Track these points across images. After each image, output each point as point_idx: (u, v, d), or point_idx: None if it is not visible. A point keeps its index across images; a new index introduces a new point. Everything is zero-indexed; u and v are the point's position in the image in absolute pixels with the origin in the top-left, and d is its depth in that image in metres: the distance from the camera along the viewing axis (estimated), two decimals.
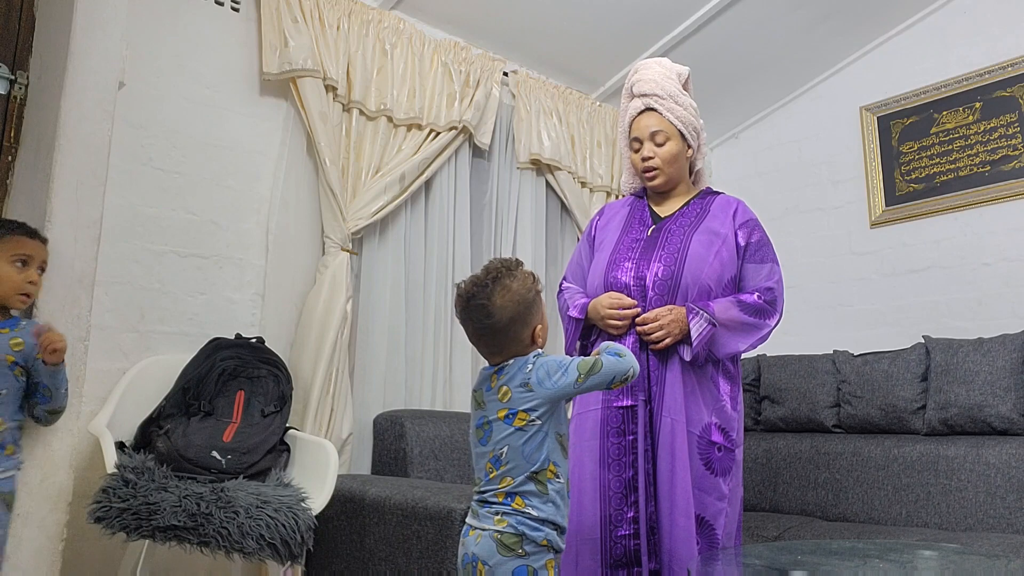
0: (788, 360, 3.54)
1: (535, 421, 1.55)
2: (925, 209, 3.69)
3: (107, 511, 1.99)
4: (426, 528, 2.14)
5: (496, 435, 1.57)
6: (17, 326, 1.90)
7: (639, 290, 2.03)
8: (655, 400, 1.98)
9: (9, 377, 1.85)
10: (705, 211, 2.14)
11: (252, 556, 2.02)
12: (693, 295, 2.01)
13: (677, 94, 2.18)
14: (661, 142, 2.14)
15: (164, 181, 2.65)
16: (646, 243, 2.10)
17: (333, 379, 2.79)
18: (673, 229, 2.10)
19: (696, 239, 2.06)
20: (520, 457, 1.54)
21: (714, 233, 2.08)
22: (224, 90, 2.82)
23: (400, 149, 3.13)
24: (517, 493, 1.54)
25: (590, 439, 2.01)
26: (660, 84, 2.17)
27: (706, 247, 2.05)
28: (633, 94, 2.22)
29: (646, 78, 2.20)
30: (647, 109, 2.17)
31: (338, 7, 3.00)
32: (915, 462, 2.97)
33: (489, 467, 1.58)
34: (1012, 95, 3.49)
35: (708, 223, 2.10)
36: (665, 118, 2.14)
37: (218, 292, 2.75)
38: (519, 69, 3.66)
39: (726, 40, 3.72)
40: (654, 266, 2.04)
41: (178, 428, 2.28)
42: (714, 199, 2.18)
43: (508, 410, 1.57)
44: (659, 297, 2.01)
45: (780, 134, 4.31)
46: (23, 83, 2.42)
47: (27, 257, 1.88)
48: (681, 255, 2.03)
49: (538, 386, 1.56)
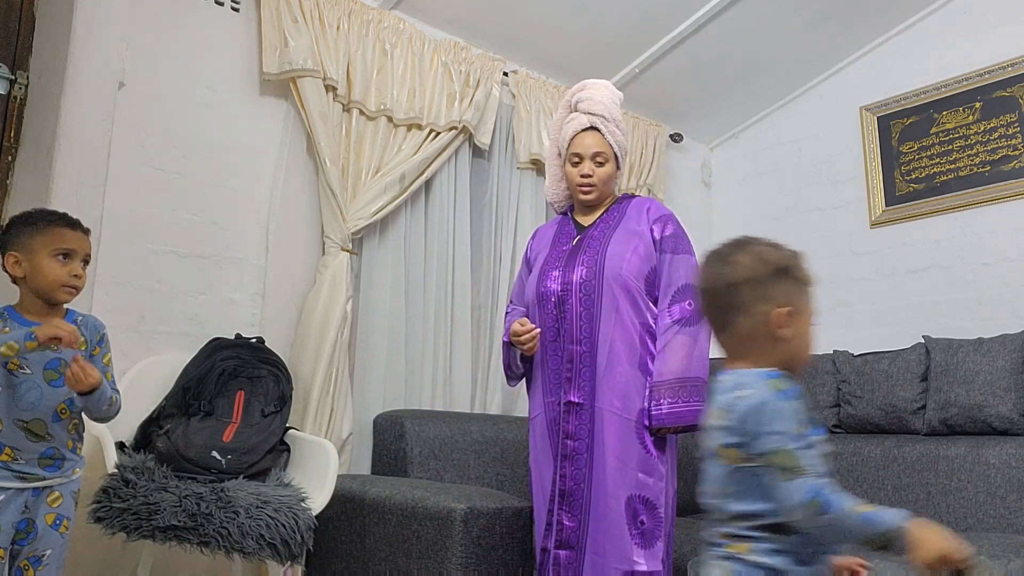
0: None
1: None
2: (925, 209, 3.69)
3: (107, 511, 1.99)
4: (426, 528, 2.14)
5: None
6: (74, 321, 1.82)
7: (565, 294, 2.20)
8: (589, 393, 2.14)
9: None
10: (622, 214, 2.30)
11: (252, 556, 2.02)
12: (616, 290, 2.15)
13: (618, 119, 2.34)
14: (601, 162, 2.29)
15: (164, 181, 2.65)
16: (571, 251, 2.27)
17: (333, 379, 2.79)
18: (595, 235, 2.27)
19: (614, 239, 2.22)
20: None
21: (631, 232, 2.24)
22: (224, 90, 2.82)
23: (400, 149, 3.13)
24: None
25: (541, 440, 2.21)
26: (607, 107, 2.33)
27: (623, 245, 2.21)
28: (576, 109, 2.36)
29: (596, 98, 2.33)
30: (592, 128, 2.30)
31: (338, 7, 3.00)
32: (915, 462, 2.97)
33: None
34: (1012, 95, 3.49)
35: (625, 223, 2.26)
36: (607, 140, 2.29)
37: (218, 292, 2.75)
38: (519, 69, 3.66)
39: (726, 40, 3.72)
40: (578, 269, 2.21)
41: (178, 428, 2.28)
42: (630, 202, 2.35)
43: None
44: (585, 297, 2.17)
45: (780, 134, 4.30)
46: (23, 83, 2.42)
47: (69, 251, 1.77)
48: (601, 256, 2.20)
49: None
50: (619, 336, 2.14)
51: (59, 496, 1.79)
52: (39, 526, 1.75)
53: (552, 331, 2.21)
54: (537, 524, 2.19)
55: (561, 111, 2.43)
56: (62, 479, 1.80)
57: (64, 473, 1.80)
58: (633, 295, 2.17)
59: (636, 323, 2.16)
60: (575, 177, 2.32)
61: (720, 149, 4.61)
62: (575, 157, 2.31)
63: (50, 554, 1.76)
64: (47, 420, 1.76)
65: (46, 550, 1.76)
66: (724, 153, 4.59)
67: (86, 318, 1.88)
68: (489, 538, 2.10)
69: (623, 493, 2.07)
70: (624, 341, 2.14)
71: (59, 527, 1.78)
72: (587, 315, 2.17)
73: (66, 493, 1.81)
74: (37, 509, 1.75)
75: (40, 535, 1.75)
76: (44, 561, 1.75)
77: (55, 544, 1.77)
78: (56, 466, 1.78)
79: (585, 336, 2.16)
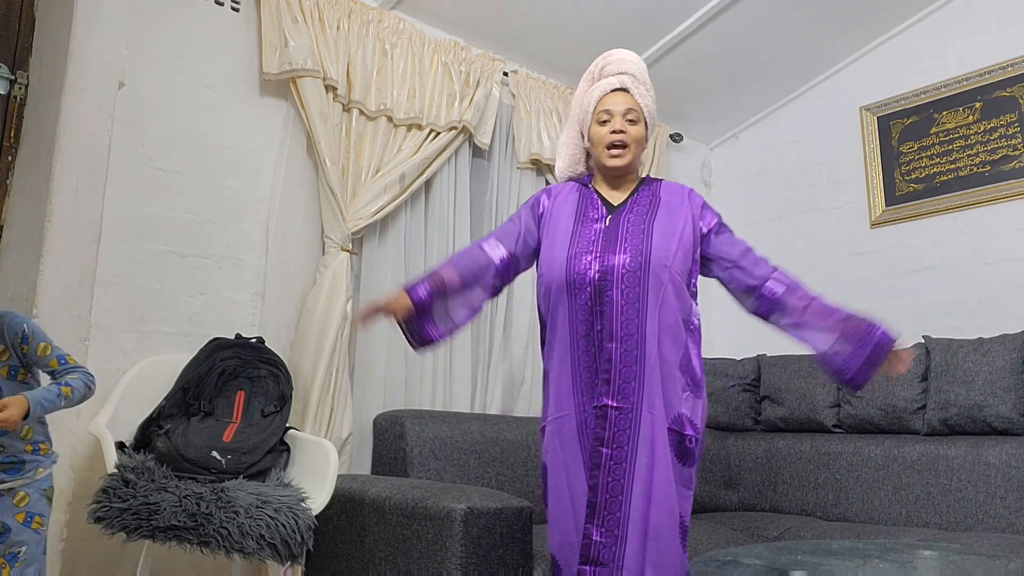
0: (788, 360, 3.54)
1: None
2: (925, 209, 3.69)
3: (107, 511, 1.99)
4: (426, 528, 2.14)
5: None
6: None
7: (603, 283, 1.95)
8: (632, 397, 1.92)
9: (15, 387, 1.83)
10: (655, 197, 2.10)
11: (252, 556, 2.02)
12: (664, 282, 1.95)
13: (649, 84, 2.14)
14: (634, 120, 2.07)
15: (164, 181, 2.65)
16: (605, 235, 2.01)
17: (333, 379, 2.79)
18: (631, 219, 2.04)
19: (657, 225, 2.02)
20: None
21: (673, 219, 2.04)
22: (224, 90, 2.82)
23: (400, 149, 3.13)
24: None
25: (569, 443, 1.96)
26: (637, 67, 2.14)
27: (668, 232, 2.01)
28: (603, 75, 2.14)
29: (625, 58, 2.14)
30: (621, 89, 2.09)
31: (338, 7, 3.00)
32: (915, 462, 2.97)
33: None
34: (1012, 95, 3.49)
35: (664, 211, 2.06)
36: (637, 102, 2.09)
37: (218, 292, 2.75)
38: (519, 69, 3.66)
39: (726, 40, 3.72)
40: (619, 256, 1.96)
41: (178, 428, 2.28)
42: (659, 185, 2.14)
43: None
44: (629, 289, 1.94)
45: (780, 134, 4.31)
46: (23, 83, 2.42)
47: None
48: (646, 243, 1.98)
49: None
50: (666, 334, 1.94)
51: (25, 496, 1.81)
52: (11, 525, 1.78)
53: (585, 324, 1.96)
54: (562, 536, 1.97)
55: (583, 84, 2.19)
56: (24, 480, 1.82)
57: (26, 475, 1.83)
58: (680, 288, 1.98)
59: (680, 320, 1.97)
60: (604, 136, 2.06)
61: (720, 149, 4.61)
62: (604, 115, 2.07)
63: (25, 550, 1.79)
64: None
65: (21, 547, 1.78)
66: (724, 153, 4.60)
67: (1, 317, 1.84)
68: (489, 538, 2.10)
69: (676, 509, 1.89)
70: (671, 340, 1.95)
71: (31, 524, 1.81)
72: (631, 309, 1.93)
73: (33, 492, 1.83)
74: (4, 511, 1.79)
75: (12, 534, 1.78)
76: (20, 557, 1.78)
77: (30, 540, 1.80)
78: (16, 470, 1.81)
79: (629, 333, 1.92)
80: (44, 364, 1.86)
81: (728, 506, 3.49)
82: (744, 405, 3.63)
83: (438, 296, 2.02)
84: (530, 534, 2.21)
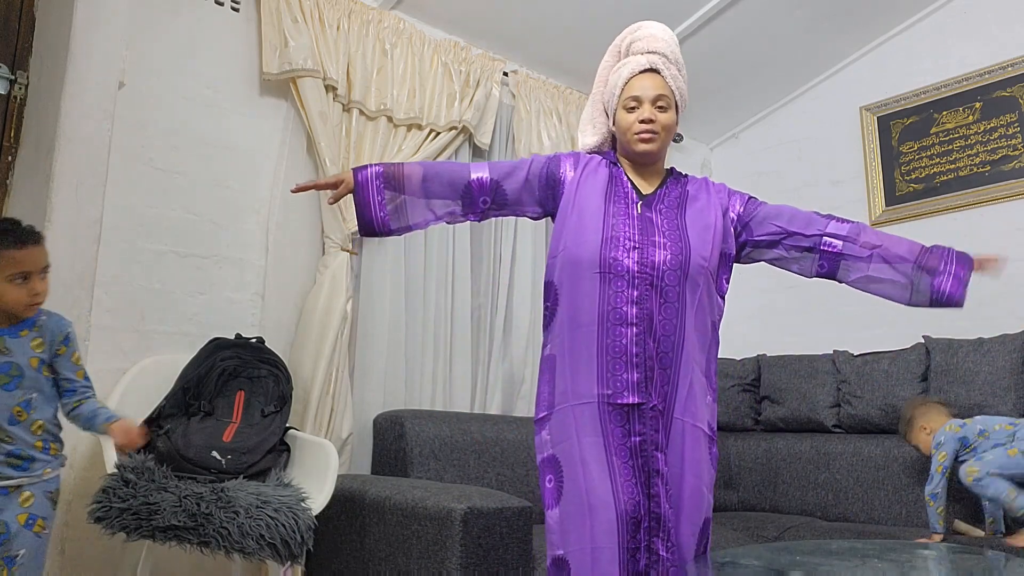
0: (788, 360, 3.54)
1: None
2: (925, 209, 3.69)
3: (107, 511, 1.99)
4: (426, 528, 2.14)
5: None
6: (35, 324, 1.85)
7: (645, 278, 1.82)
8: (666, 398, 1.80)
9: (40, 380, 1.85)
10: (683, 191, 1.98)
11: (252, 556, 2.02)
12: (700, 283, 1.86)
13: (681, 63, 2.01)
14: (664, 107, 1.92)
15: (164, 181, 2.65)
16: (640, 224, 1.88)
17: (333, 379, 2.79)
18: (663, 211, 1.92)
19: (691, 222, 1.91)
20: None
21: (704, 216, 1.93)
22: (224, 90, 2.82)
23: (400, 149, 3.13)
24: None
25: (592, 435, 1.78)
26: (669, 46, 1.97)
27: (702, 231, 1.90)
28: (631, 52, 2.00)
29: (657, 35, 1.98)
30: (651, 69, 1.94)
31: (338, 7, 3.00)
32: (915, 462, 2.97)
33: None
34: (1012, 95, 3.49)
35: (693, 205, 1.95)
36: (669, 85, 1.93)
37: (218, 292, 2.75)
38: (519, 69, 3.66)
39: (726, 40, 3.72)
40: (660, 252, 1.83)
41: (178, 428, 2.28)
42: (685, 180, 2.03)
43: None
44: (670, 288, 1.82)
45: (780, 134, 4.31)
46: (23, 83, 2.42)
47: (25, 273, 1.79)
48: (684, 240, 1.86)
49: None
50: (697, 338, 1.85)
51: (30, 496, 1.80)
52: (12, 527, 1.76)
53: (618, 314, 1.80)
54: (591, 553, 1.73)
55: (608, 58, 2.04)
56: (32, 479, 1.81)
57: (34, 473, 1.82)
58: (711, 288, 1.89)
59: (710, 322, 1.88)
60: (631, 124, 1.91)
61: (720, 149, 4.61)
62: (632, 101, 1.92)
63: (24, 554, 1.77)
64: (3, 424, 1.78)
65: (20, 550, 1.76)
66: (724, 153, 4.59)
67: (50, 318, 1.89)
68: (489, 538, 2.10)
69: (698, 518, 1.79)
70: (701, 344, 1.86)
71: (33, 526, 1.79)
72: (671, 310, 1.82)
73: (38, 493, 1.82)
74: (8, 509, 1.77)
75: (13, 535, 1.76)
76: (18, 561, 1.76)
77: (29, 544, 1.78)
78: (24, 466, 1.80)
79: (666, 334, 1.81)
80: (72, 372, 1.90)
81: (728, 506, 3.49)
82: (744, 405, 3.63)
83: (390, 184, 1.89)
84: (530, 534, 2.22)
